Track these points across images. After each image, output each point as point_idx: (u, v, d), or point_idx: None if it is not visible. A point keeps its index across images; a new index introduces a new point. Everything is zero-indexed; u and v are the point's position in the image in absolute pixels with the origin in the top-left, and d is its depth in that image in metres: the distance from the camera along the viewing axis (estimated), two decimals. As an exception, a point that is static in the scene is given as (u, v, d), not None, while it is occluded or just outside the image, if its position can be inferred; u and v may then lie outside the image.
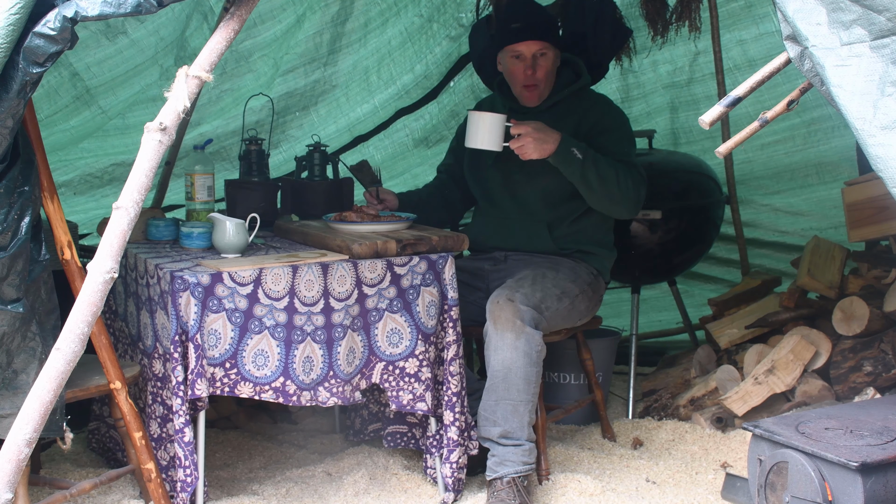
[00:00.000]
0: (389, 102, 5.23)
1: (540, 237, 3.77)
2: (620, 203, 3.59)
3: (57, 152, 4.77)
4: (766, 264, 5.14)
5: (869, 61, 2.23)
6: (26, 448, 2.38)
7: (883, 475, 2.61)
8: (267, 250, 3.42)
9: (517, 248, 3.81)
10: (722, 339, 4.31)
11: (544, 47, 3.65)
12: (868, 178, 3.92)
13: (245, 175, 3.97)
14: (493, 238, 3.84)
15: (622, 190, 3.55)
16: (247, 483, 3.57)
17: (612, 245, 3.90)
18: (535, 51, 3.65)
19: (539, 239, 3.77)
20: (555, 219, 3.76)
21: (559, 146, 3.46)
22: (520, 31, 3.67)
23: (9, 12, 2.46)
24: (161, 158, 2.52)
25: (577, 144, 3.50)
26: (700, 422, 3.98)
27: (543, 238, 3.76)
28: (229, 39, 2.60)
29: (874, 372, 3.73)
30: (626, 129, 3.77)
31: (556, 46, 3.72)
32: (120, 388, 3.05)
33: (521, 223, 3.79)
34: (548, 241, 3.76)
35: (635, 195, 3.59)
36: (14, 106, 2.57)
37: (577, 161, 3.48)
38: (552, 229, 3.76)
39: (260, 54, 4.91)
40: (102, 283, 2.42)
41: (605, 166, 3.52)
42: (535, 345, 3.36)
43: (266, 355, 3.12)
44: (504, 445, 3.35)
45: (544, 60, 3.66)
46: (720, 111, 2.48)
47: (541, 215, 3.76)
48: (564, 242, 3.77)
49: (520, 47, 3.67)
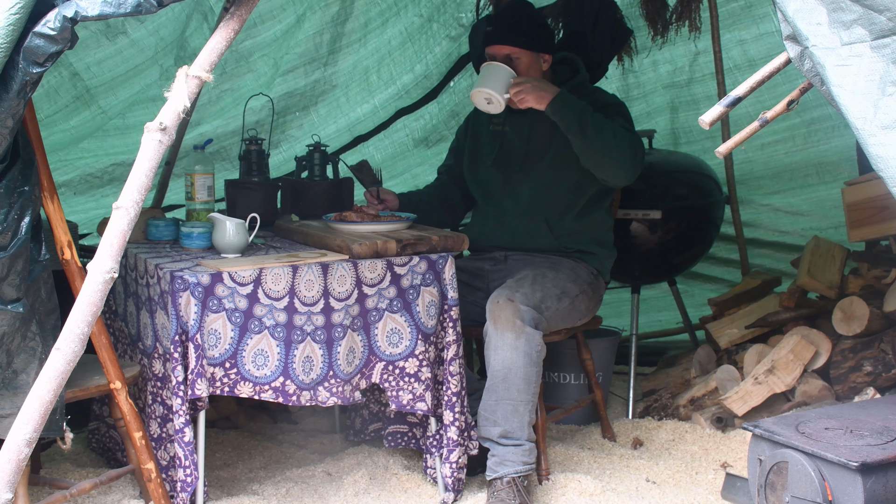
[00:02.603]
0: (389, 102, 5.23)
1: (540, 234, 3.76)
2: (618, 159, 3.54)
3: (57, 152, 4.77)
4: (766, 264, 5.13)
5: (869, 61, 2.23)
6: (26, 448, 2.38)
7: (883, 475, 2.61)
8: (267, 250, 3.42)
9: (517, 246, 3.80)
10: (722, 339, 4.31)
11: (513, 52, 3.65)
12: (868, 178, 3.92)
13: (245, 175, 3.97)
14: (493, 237, 3.84)
15: (619, 145, 3.52)
16: (247, 483, 3.57)
17: (612, 245, 3.90)
18: (504, 54, 3.66)
19: (539, 236, 3.77)
20: (554, 214, 3.76)
21: (556, 95, 3.51)
22: (489, 35, 3.71)
23: (9, 12, 2.46)
24: (161, 158, 2.52)
25: (575, 99, 3.54)
26: (700, 422, 3.98)
27: (544, 235, 3.76)
28: (229, 39, 2.59)
29: (874, 372, 3.73)
30: (622, 109, 3.78)
31: (539, 49, 3.70)
32: (120, 388, 3.05)
33: (520, 221, 3.79)
34: (548, 238, 3.76)
35: (632, 154, 3.55)
36: (14, 106, 2.57)
37: (574, 109, 3.50)
38: (552, 226, 3.76)
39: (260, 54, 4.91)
40: (102, 283, 2.42)
41: (602, 119, 3.53)
42: (535, 345, 3.36)
43: (266, 355, 3.12)
44: (504, 445, 3.35)
45: (518, 63, 3.66)
46: (720, 111, 2.48)
47: (540, 211, 3.76)
48: (566, 241, 3.76)
49: (490, 50, 3.70)
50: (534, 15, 3.79)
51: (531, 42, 3.68)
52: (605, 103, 3.74)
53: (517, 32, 3.68)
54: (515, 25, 3.69)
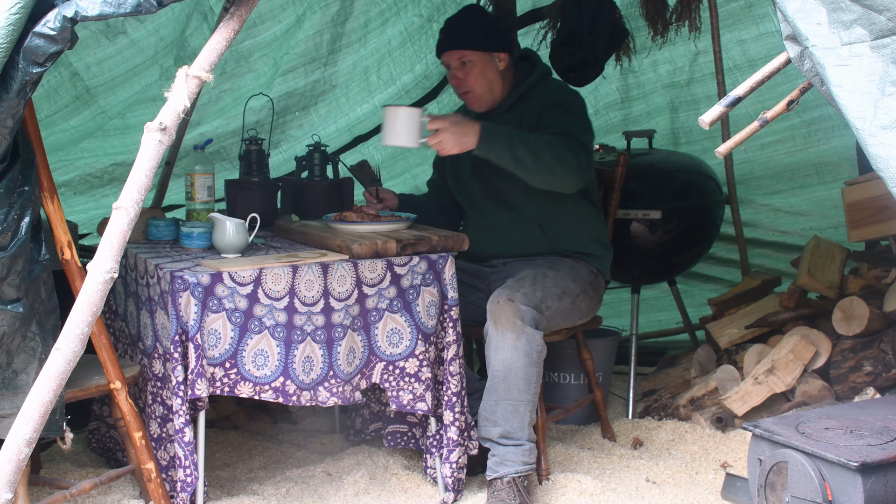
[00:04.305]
0: (389, 102, 5.23)
1: (535, 238, 3.74)
2: (560, 174, 3.46)
3: (57, 152, 4.77)
4: (766, 264, 5.14)
5: (869, 61, 2.23)
6: (26, 448, 2.38)
7: (883, 475, 2.61)
8: (267, 250, 3.42)
9: (514, 254, 3.76)
10: (722, 339, 4.31)
11: (464, 55, 3.62)
12: (868, 178, 3.92)
13: (245, 175, 3.97)
14: (489, 247, 3.79)
15: (559, 160, 3.43)
16: (247, 483, 3.57)
17: (608, 244, 3.88)
18: (455, 60, 3.64)
19: (535, 241, 3.74)
20: (545, 216, 3.72)
21: (480, 136, 3.39)
22: (440, 44, 3.69)
23: (9, 12, 2.46)
24: (161, 158, 2.52)
25: (500, 129, 3.43)
26: (700, 422, 3.98)
27: (538, 239, 3.74)
28: (229, 39, 2.59)
29: (874, 372, 3.73)
30: (570, 104, 3.67)
31: (492, 49, 3.64)
32: (120, 388, 3.05)
33: (512, 227, 3.75)
34: (543, 241, 3.73)
35: (575, 162, 3.45)
36: (14, 106, 2.57)
37: (503, 142, 3.38)
38: (545, 228, 3.73)
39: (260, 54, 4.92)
40: (102, 283, 2.42)
41: (535, 140, 3.43)
42: (535, 345, 3.36)
43: (266, 355, 3.12)
44: (504, 445, 3.35)
45: (471, 66, 3.63)
46: (720, 111, 2.48)
47: (531, 215, 3.72)
48: (563, 243, 3.74)
49: (443, 58, 3.69)
50: (483, 16, 3.76)
51: (482, 43, 3.63)
52: (551, 103, 3.66)
53: (467, 35, 3.64)
54: (465, 28, 3.66)
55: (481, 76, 3.65)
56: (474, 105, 3.73)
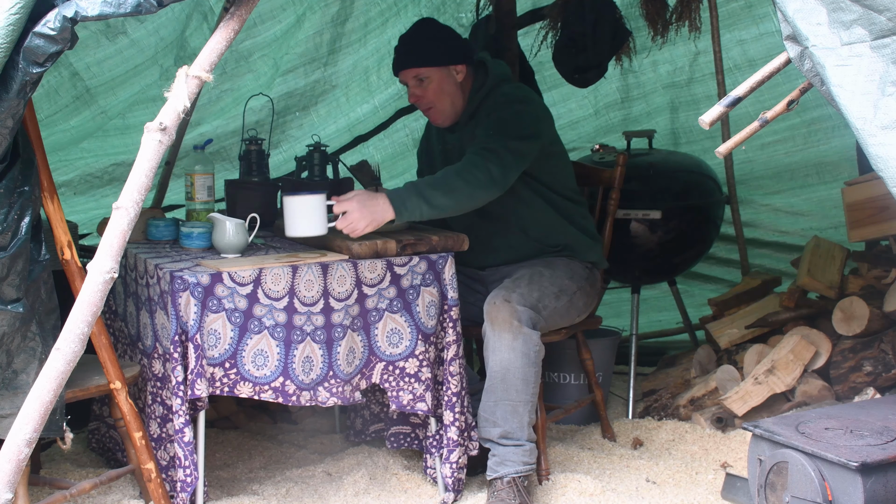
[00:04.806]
0: (389, 102, 5.23)
1: (521, 244, 3.68)
2: (479, 195, 3.39)
3: (57, 152, 4.77)
4: (766, 264, 5.14)
5: (869, 61, 2.23)
6: (26, 448, 2.38)
7: (883, 475, 2.61)
8: (267, 250, 3.42)
9: (506, 261, 3.73)
10: (722, 339, 4.31)
11: (419, 72, 3.58)
12: (868, 178, 3.92)
13: (245, 175, 3.97)
14: (479, 259, 3.75)
15: (471, 183, 3.36)
16: (247, 483, 3.57)
17: (595, 233, 3.81)
18: (411, 78, 3.60)
19: (521, 246, 3.69)
20: (524, 220, 3.67)
21: (393, 204, 3.25)
22: (395, 63, 3.64)
23: (9, 12, 2.46)
24: (161, 158, 2.52)
25: (405, 188, 3.33)
26: (700, 422, 3.98)
27: (524, 243, 3.69)
28: (229, 39, 2.59)
29: (874, 372, 3.73)
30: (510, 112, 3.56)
31: (447, 62, 3.59)
32: (120, 388, 3.05)
33: (498, 238, 3.71)
34: (530, 244, 3.68)
35: (484, 177, 3.37)
36: (14, 106, 2.57)
37: (417, 202, 3.29)
38: (528, 231, 3.68)
39: (260, 54, 4.92)
40: (102, 283, 2.42)
41: (442, 178, 3.35)
42: (532, 345, 3.35)
43: (266, 355, 3.12)
44: (504, 446, 3.35)
45: (428, 83, 3.59)
46: (720, 111, 2.48)
47: (511, 222, 3.67)
48: (549, 241, 3.69)
49: (400, 77, 3.65)
50: (435, 30, 3.69)
51: (436, 58, 3.58)
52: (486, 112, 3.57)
53: (420, 52, 3.59)
54: (418, 45, 3.61)
55: (440, 91, 3.60)
56: (438, 120, 3.68)
